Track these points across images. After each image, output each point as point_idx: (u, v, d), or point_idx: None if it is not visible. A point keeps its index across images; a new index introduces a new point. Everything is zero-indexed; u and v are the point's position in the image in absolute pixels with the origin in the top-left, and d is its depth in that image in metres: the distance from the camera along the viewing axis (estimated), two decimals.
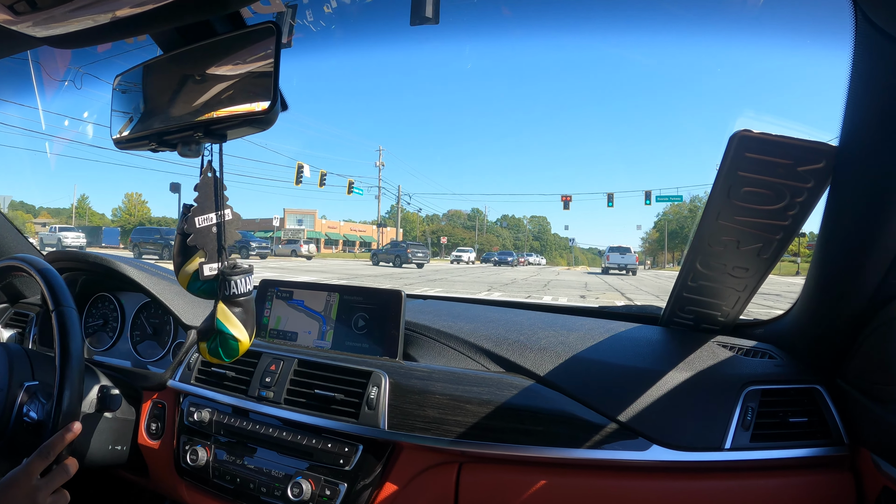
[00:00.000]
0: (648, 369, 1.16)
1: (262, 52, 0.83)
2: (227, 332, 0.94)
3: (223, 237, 0.94)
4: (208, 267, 0.93)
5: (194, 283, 0.95)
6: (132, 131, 0.98)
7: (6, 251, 1.97)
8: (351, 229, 64.17)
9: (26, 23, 0.83)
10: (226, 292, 0.94)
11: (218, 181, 0.94)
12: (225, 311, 0.95)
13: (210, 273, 0.93)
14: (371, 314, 1.43)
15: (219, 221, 0.94)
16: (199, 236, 0.93)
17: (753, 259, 1.09)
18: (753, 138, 0.94)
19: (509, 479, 1.11)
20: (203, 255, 0.93)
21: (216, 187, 0.94)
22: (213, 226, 0.93)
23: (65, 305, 1.22)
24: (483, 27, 2.24)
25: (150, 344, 1.75)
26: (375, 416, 1.19)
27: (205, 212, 0.93)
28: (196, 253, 0.94)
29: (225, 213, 0.94)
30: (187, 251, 0.94)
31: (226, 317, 0.95)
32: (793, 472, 1.04)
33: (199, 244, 0.93)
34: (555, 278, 21.51)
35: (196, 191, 0.94)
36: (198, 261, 0.94)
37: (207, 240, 0.93)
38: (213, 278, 0.94)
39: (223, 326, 0.94)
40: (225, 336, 0.95)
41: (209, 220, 0.93)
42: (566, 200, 33.12)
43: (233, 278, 0.93)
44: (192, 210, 0.93)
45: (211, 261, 0.94)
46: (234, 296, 0.94)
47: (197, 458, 1.36)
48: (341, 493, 1.18)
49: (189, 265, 0.95)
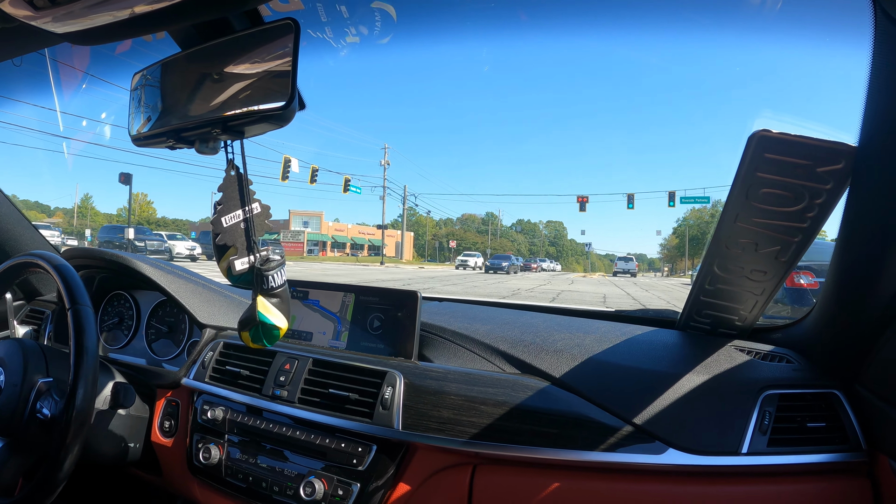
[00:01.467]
0: (665, 372, 1.16)
1: (280, 49, 0.85)
2: (268, 322, 1.01)
3: (253, 231, 0.98)
4: (239, 262, 0.98)
5: (232, 276, 1.00)
6: (150, 128, 1.00)
7: (23, 247, 2.01)
8: (359, 232, 64.33)
9: (46, 19, 0.84)
10: (263, 286, 0.99)
11: (242, 178, 0.98)
12: (265, 304, 1.01)
13: (242, 267, 0.98)
14: (386, 315, 1.44)
15: (246, 217, 0.98)
16: (228, 234, 0.97)
17: (771, 262, 1.09)
18: (772, 139, 0.94)
19: (524, 481, 1.12)
20: (235, 251, 0.97)
21: (240, 184, 0.98)
22: (241, 222, 0.98)
23: (81, 304, 1.25)
24: (499, 30, 2.26)
25: (164, 342, 1.77)
26: (390, 416, 1.20)
27: (231, 210, 0.97)
28: (229, 249, 0.98)
29: (253, 207, 0.99)
30: (221, 248, 0.99)
31: (266, 308, 1.01)
32: (810, 477, 1.03)
33: (229, 242, 0.97)
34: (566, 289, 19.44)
35: (220, 191, 0.98)
36: (231, 256, 0.97)
37: (237, 236, 0.97)
38: (246, 272, 0.99)
39: (265, 318, 1.00)
40: (267, 326, 1.01)
41: (236, 218, 0.97)
42: (582, 202, 32.32)
43: (269, 273, 0.99)
44: (218, 210, 0.97)
45: (242, 256, 0.98)
46: (271, 289, 1.00)
47: (210, 456, 1.38)
48: (354, 494, 1.19)
49: (223, 261, 0.99)
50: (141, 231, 28.85)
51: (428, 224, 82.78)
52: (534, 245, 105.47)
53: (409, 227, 71.37)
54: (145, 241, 25.41)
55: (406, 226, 59.22)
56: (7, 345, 1.37)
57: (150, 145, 1.04)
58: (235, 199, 0.97)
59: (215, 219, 0.97)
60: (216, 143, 0.96)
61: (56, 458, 1.15)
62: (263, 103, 0.86)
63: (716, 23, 1.46)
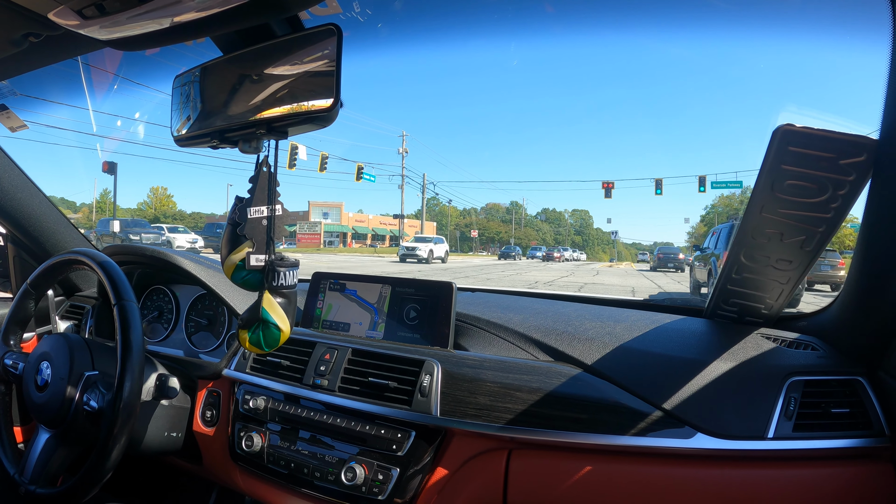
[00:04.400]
0: (694, 359, 1.18)
1: (321, 51, 0.88)
2: (270, 320, 1.02)
3: (273, 230, 1.00)
4: (255, 258, 1.00)
5: (239, 273, 1.02)
6: (193, 129, 1.04)
7: (63, 245, 2.08)
8: (380, 223, 63.91)
9: (93, 27, 0.89)
10: (273, 282, 1.02)
11: (272, 176, 1.00)
12: (270, 301, 1.03)
13: (257, 263, 1.00)
14: (422, 305, 1.49)
15: (269, 215, 1.00)
16: (251, 227, 0.99)
17: (797, 251, 1.11)
18: (796, 132, 0.98)
19: (557, 464, 1.15)
20: (251, 246, 1.00)
21: (270, 182, 1.00)
22: (263, 218, 1.00)
23: (126, 300, 1.29)
24: (526, 22, 2.28)
25: (204, 335, 1.83)
26: (428, 403, 1.25)
27: (258, 204, 1.00)
28: (244, 243, 1.00)
29: (277, 208, 1.01)
30: (235, 241, 1.01)
31: (271, 306, 1.03)
32: (834, 462, 1.06)
33: (250, 234, 0.99)
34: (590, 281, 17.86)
35: (251, 183, 1.01)
36: (245, 250, 1.00)
37: (257, 231, 1.00)
38: (259, 269, 1.01)
39: (268, 315, 1.02)
40: (268, 325, 1.03)
41: (261, 213, 1.00)
42: (608, 188, 31.21)
43: (281, 269, 1.01)
44: (245, 201, 1.00)
45: (259, 252, 1.00)
46: (281, 286, 1.03)
47: (252, 444, 1.43)
48: (394, 478, 1.24)
49: (235, 255, 1.01)
50: (137, 224, 28.85)
51: (452, 213, 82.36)
52: (559, 234, 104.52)
53: (431, 216, 70.89)
54: (140, 235, 25.28)
55: (429, 216, 58.74)
56: (53, 339, 1.42)
57: (193, 145, 1.08)
58: (263, 195, 1.00)
59: (242, 208, 1.00)
60: (259, 143, 0.99)
61: (104, 448, 1.20)
62: (308, 105, 0.89)
63: (740, 17, 1.48)
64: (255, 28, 0.93)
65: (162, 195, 64.63)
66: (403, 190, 44.44)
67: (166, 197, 65.17)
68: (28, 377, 1.40)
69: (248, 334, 1.04)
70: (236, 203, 1.02)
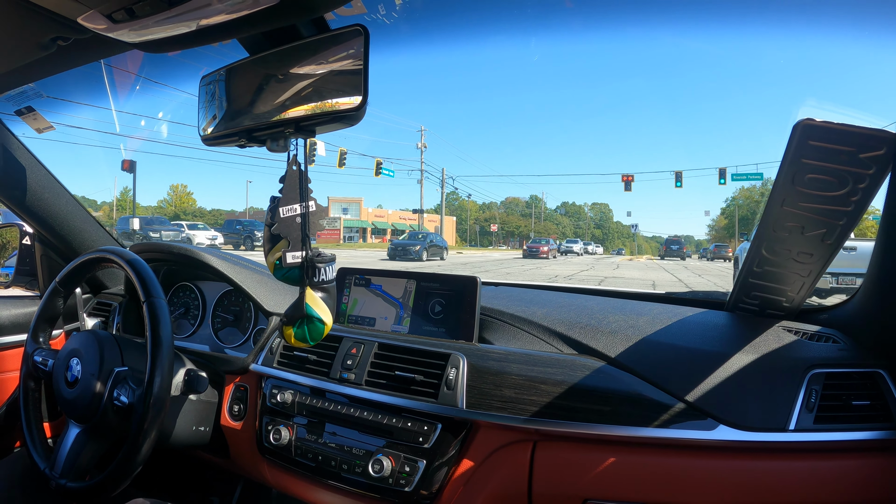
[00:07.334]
0: (716, 352, 1.20)
1: (348, 51, 0.90)
2: (314, 315, 1.06)
3: (307, 226, 1.03)
4: (291, 255, 1.03)
5: (279, 270, 1.05)
6: (220, 129, 1.07)
7: (91, 244, 2.13)
8: (400, 218, 63.91)
9: (122, 30, 0.92)
10: (314, 278, 1.05)
11: (303, 174, 1.03)
12: (313, 296, 1.07)
13: (293, 261, 1.03)
14: (447, 300, 1.51)
15: (303, 212, 1.03)
16: (283, 225, 1.03)
17: (818, 244, 1.13)
18: (816, 127, 0.99)
19: (581, 456, 1.17)
20: (286, 244, 1.03)
21: (301, 180, 1.03)
22: (297, 216, 1.02)
23: (155, 297, 1.33)
24: (547, 19, 2.31)
25: (230, 330, 1.86)
26: (454, 396, 1.28)
27: (289, 202, 1.03)
28: (280, 242, 1.04)
29: (309, 205, 1.03)
30: (273, 240, 1.05)
31: (314, 301, 1.07)
32: (854, 454, 1.07)
33: (283, 233, 1.03)
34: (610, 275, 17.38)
35: (281, 183, 1.04)
36: (282, 249, 1.03)
37: (291, 229, 1.03)
38: (296, 266, 1.04)
39: (311, 310, 1.06)
40: (312, 319, 1.06)
41: (293, 211, 1.02)
42: (627, 181, 31.01)
43: (321, 265, 1.05)
44: (277, 201, 1.03)
45: (294, 249, 1.03)
46: (322, 282, 1.06)
47: (280, 437, 1.47)
48: (420, 470, 1.28)
49: (275, 253, 1.04)
50: (156, 221, 29.28)
51: (471, 208, 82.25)
52: (579, 228, 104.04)
53: (451, 211, 70.73)
54: (160, 232, 25.71)
55: (448, 210, 58.66)
56: (83, 336, 1.46)
57: (221, 144, 1.12)
58: (295, 193, 1.02)
59: (274, 208, 1.02)
60: (286, 142, 1.02)
61: (134, 443, 1.23)
62: (335, 103, 0.92)
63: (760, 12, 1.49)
64: (281, 29, 0.95)
65: (182, 192, 65.52)
66: (422, 185, 44.58)
67: (186, 194, 66.04)
68: (58, 373, 1.44)
69: (293, 329, 1.08)
70: (271, 203, 1.06)
